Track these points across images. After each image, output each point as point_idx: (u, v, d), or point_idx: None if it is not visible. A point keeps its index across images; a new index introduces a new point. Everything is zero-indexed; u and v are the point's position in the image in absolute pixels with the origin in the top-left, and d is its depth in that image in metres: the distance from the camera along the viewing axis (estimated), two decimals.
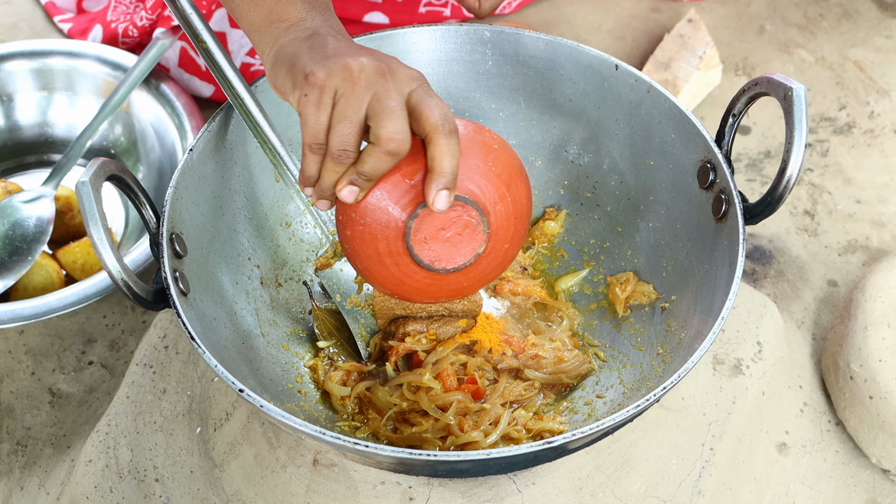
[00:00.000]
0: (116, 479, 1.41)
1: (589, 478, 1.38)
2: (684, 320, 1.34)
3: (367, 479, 1.34)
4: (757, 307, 1.57)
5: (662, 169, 1.43)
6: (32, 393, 1.61)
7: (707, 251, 1.34)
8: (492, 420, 1.32)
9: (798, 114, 1.23)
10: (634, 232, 1.48)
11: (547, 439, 1.11)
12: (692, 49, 1.94)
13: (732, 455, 1.45)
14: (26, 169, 1.83)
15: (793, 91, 1.24)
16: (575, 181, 1.54)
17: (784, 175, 1.24)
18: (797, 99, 1.23)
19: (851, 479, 1.55)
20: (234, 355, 1.28)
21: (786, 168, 1.24)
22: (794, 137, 1.23)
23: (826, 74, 2.05)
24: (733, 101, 1.33)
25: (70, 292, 1.50)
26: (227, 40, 1.87)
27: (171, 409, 1.46)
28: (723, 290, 1.25)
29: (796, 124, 1.23)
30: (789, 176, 1.24)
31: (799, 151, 1.23)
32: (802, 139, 1.23)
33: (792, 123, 1.23)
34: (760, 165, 1.90)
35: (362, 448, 1.10)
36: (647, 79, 1.42)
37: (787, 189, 1.25)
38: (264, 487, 1.36)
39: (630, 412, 1.14)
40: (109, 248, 1.15)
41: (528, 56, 1.49)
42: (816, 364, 1.65)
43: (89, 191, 1.13)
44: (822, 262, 1.78)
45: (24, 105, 1.82)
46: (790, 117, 1.24)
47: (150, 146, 1.77)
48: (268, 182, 1.47)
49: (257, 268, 1.43)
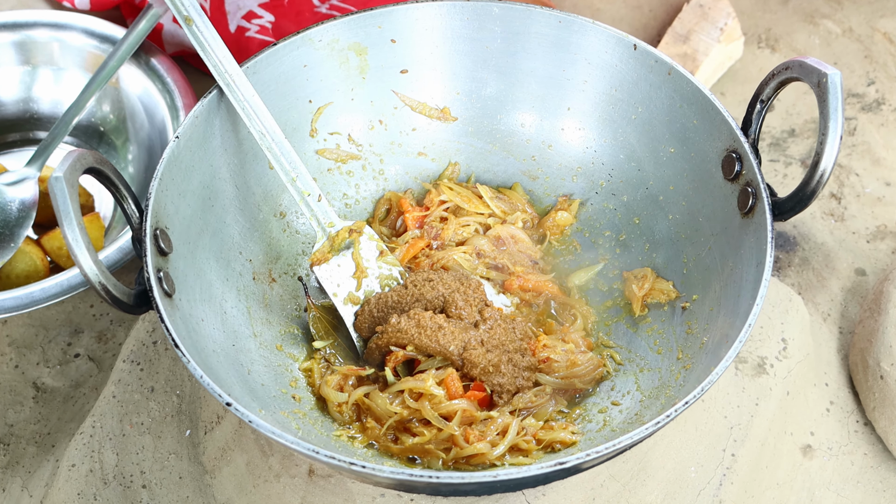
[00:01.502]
0: (101, 486, 1.34)
1: (603, 487, 1.31)
2: (707, 323, 1.26)
3: (366, 491, 1.26)
4: (782, 301, 1.49)
5: (683, 157, 1.36)
6: (16, 387, 1.54)
7: (732, 248, 1.26)
8: (499, 430, 1.23)
9: (833, 102, 1.15)
10: (653, 224, 1.41)
11: (559, 460, 1.04)
12: (713, 20, 1.84)
13: (755, 460, 1.38)
14: (9, 147, 1.74)
15: (828, 77, 1.16)
16: (589, 168, 1.47)
17: (817, 169, 1.17)
18: (832, 86, 1.15)
19: (881, 484, 1.47)
20: (223, 360, 1.21)
21: (819, 161, 1.16)
22: (828, 128, 1.15)
23: (854, 47, 1.95)
24: (761, 86, 1.25)
25: (54, 282, 1.42)
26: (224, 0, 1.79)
27: (160, 409, 1.38)
28: (749, 291, 1.17)
29: (831, 114, 1.15)
30: (823, 170, 1.17)
31: (834, 144, 1.16)
32: (838, 130, 1.15)
33: (827, 113, 1.15)
34: (784, 145, 1.81)
35: (359, 469, 1.03)
36: (669, 60, 1.34)
37: (821, 184, 1.17)
38: (257, 497, 1.28)
39: (649, 429, 1.06)
40: (85, 248, 1.07)
41: (540, 34, 1.42)
42: (843, 360, 1.56)
43: (63, 187, 1.06)
44: (849, 249, 1.69)
45: (6, 80, 1.73)
46: (825, 106, 1.16)
47: (140, 124, 1.69)
48: (260, 170, 1.40)
49: (249, 262, 1.36)
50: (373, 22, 1.41)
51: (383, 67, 1.45)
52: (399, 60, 1.45)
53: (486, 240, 1.43)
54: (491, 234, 1.44)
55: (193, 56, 1.85)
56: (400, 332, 1.28)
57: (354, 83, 1.46)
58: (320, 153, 1.46)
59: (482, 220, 1.45)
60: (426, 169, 1.52)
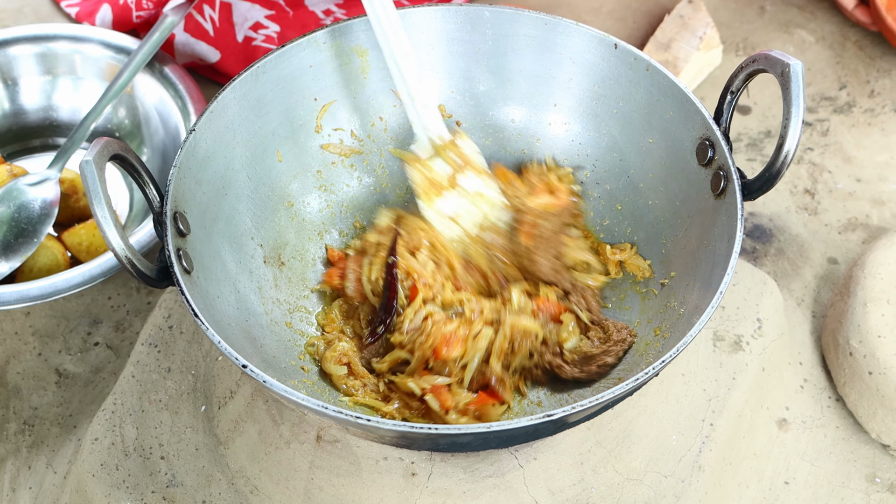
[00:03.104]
0: (122, 457, 1.42)
1: (590, 453, 1.39)
2: (684, 296, 1.35)
3: (370, 454, 1.35)
4: (757, 284, 1.58)
5: (662, 147, 1.44)
6: (39, 373, 1.62)
7: (706, 227, 1.35)
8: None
9: (795, 90, 1.24)
10: (634, 210, 1.49)
11: (547, 412, 1.11)
12: (692, 30, 1.94)
13: (732, 431, 1.46)
14: (31, 152, 1.84)
15: (790, 67, 1.24)
16: (575, 159, 1.55)
17: (782, 150, 1.25)
18: (794, 75, 1.24)
19: (851, 455, 1.56)
20: (238, 333, 1.30)
21: (783, 143, 1.25)
22: (791, 113, 1.24)
23: (826, 54, 2.05)
24: (731, 77, 1.33)
25: (75, 273, 1.51)
26: (232, 12, 1.88)
27: (176, 387, 1.47)
28: (721, 264, 1.25)
29: (793, 100, 1.24)
30: (787, 151, 1.25)
31: (796, 127, 1.24)
32: (800, 115, 1.24)
33: (789, 99, 1.24)
34: (761, 145, 1.90)
35: (364, 422, 1.11)
36: (646, 57, 1.42)
37: (785, 164, 1.26)
38: (268, 464, 1.37)
39: (629, 385, 1.15)
40: (114, 226, 1.15)
41: (528, 36, 1.50)
42: (816, 341, 1.66)
43: (93, 170, 1.14)
44: (822, 240, 1.78)
45: (29, 89, 1.83)
46: (787, 93, 1.24)
47: (154, 129, 1.78)
48: (270, 162, 1.48)
49: (260, 247, 1.44)
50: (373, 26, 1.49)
51: (383, 68, 1.51)
52: None
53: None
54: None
55: (203, 67, 1.94)
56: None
57: (357, 83, 1.53)
58: (325, 147, 1.53)
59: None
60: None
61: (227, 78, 1.92)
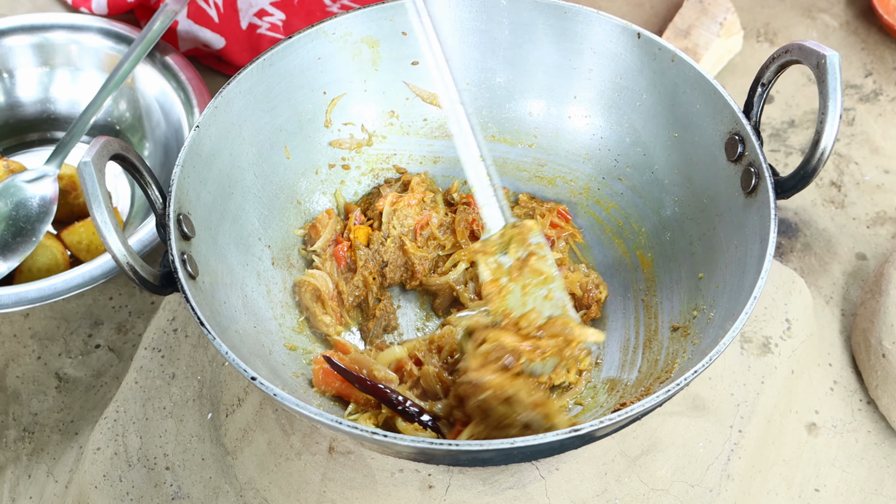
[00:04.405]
0: (126, 468, 1.37)
1: (614, 462, 1.34)
2: (713, 299, 1.29)
3: (385, 466, 1.29)
4: (785, 283, 1.52)
5: (688, 141, 1.39)
6: (39, 378, 1.57)
7: (736, 227, 1.29)
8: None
9: (832, 82, 1.18)
10: (659, 207, 1.44)
11: (573, 427, 1.06)
12: (712, 15, 1.88)
13: (761, 437, 1.41)
14: (28, 147, 1.78)
15: (826, 59, 1.19)
16: (596, 154, 1.49)
17: (818, 147, 1.20)
18: (831, 67, 1.18)
19: (884, 460, 1.51)
20: (246, 340, 1.24)
21: (819, 140, 1.19)
22: (828, 108, 1.18)
23: (851, 40, 1.99)
24: (762, 69, 1.28)
25: (75, 274, 1.46)
26: None
27: (181, 394, 1.41)
28: (754, 267, 1.20)
29: (830, 94, 1.18)
30: (823, 148, 1.20)
31: (833, 122, 1.18)
32: (837, 109, 1.18)
33: (826, 93, 1.18)
34: (784, 135, 1.84)
35: (380, 438, 1.05)
36: (672, 47, 1.37)
37: (822, 162, 1.20)
38: (278, 475, 1.31)
39: (660, 397, 1.09)
40: (114, 230, 1.10)
41: (546, 25, 1.45)
42: (846, 341, 1.60)
43: (92, 171, 1.09)
44: (849, 234, 1.72)
45: (25, 81, 1.77)
46: (824, 86, 1.19)
47: (156, 122, 1.72)
48: (278, 159, 1.42)
49: (268, 248, 1.39)
50: (384, 15, 1.44)
51: (395, 59, 1.47)
52: (410, 52, 1.48)
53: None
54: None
55: (206, 55, 1.88)
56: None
57: (367, 75, 1.48)
58: (334, 144, 1.48)
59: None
60: (437, 157, 1.55)
61: (232, 67, 1.87)
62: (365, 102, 1.50)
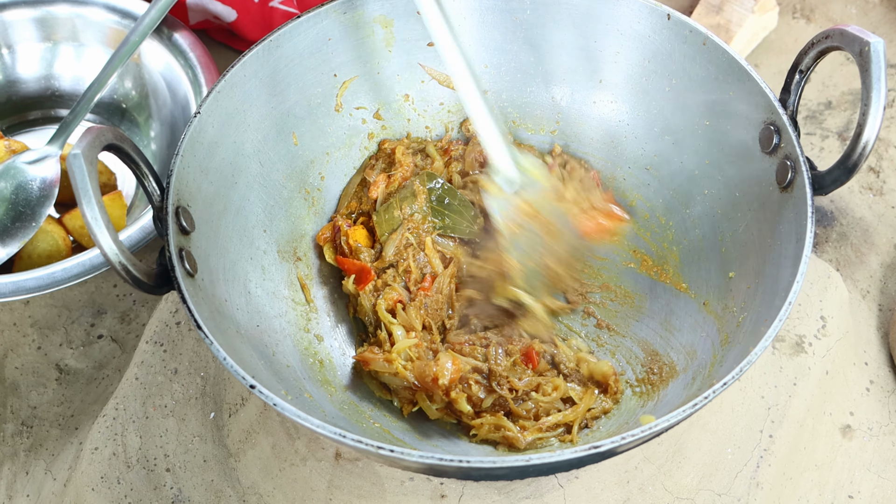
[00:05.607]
0: (124, 469, 1.31)
1: (637, 470, 1.27)
2: (744, 301, 1.22)
3: (395, 474, 1.23)
4: (820, 278, 1.44)
5: (719, 130, 1.32)
6: (38, 369, 1.51)
7: (770, 223, 1.22)
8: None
9: (876, 72, 1.11)
10: (688, 199, 1.37)
11: (593, 444, 1.00)
12: None
13: (793, 441, 1.34)
14: (31, 126, 1.72)
15: (870, 46, 1.11)
16: (622, 142, 1.43)
17: (860, 141, 1.12)
18: (875, 55, 1.11)
19: None
20: (247, 341, 1.18)
21: (862, 133, 1.12)
22: (871, 98, 1.11)
23: (892, 16, 1.90)
24: (800, 55, 1.20)
25: (76, 262, 1.40)
26: None
27: (183, 391, 1.35)
28: (789, 268, 1.13)
29: (874, 83, 1.11)
30: (866, 141, 1.12)
31: (877, 114, 1.11)
32: (881, 100, 1.11)
33: (869, 83, 1.11)
34: (821, 118, 1.76)
35: (386, 453, 0.99)
36: (704, 30, 1.29)
37: (864, 157, 1.13)
38: (283, 481, 1.25)
39: (686, 412, 1.02)
40: (104, 227, 1.03)
41: (571, 4, 1.38)
42: (883, 338, 1.52)
43: (82, 164, 1.02)
44: (888, 223, 1.64)
45: (27, 57, 1.70)
46: (867, 75, 1.11)
47: (163, 100, 1.66)
48: (285, 145, 1.36)
49: (274, 240, 1.33)
50: None
51: (410, 40, 1.41)
52: (426, 33, 1.41)
53: None
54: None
55: (217, 29, 1.81)
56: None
57: (380, 56, 1.42)
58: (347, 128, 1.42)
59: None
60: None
61: (244, 42, 1.81)
62: (378, 85, 1.44)
